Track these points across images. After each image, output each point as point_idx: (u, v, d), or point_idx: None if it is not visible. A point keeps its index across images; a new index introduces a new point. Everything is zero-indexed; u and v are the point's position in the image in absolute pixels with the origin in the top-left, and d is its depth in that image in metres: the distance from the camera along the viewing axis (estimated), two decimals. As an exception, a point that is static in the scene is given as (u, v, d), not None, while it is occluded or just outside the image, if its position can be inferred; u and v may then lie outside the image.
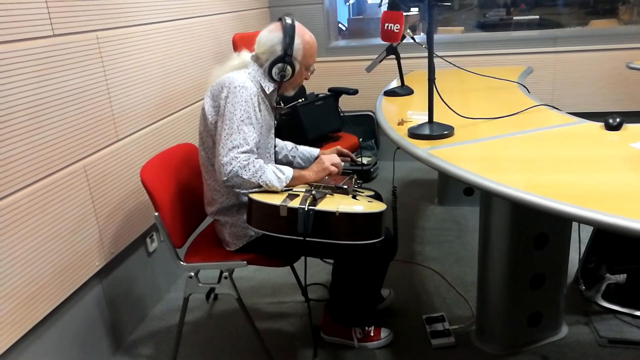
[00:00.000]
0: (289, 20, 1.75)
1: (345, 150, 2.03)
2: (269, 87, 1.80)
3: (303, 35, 1.79)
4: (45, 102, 1.70)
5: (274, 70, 1.76)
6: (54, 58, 1.74)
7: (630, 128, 1.70)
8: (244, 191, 1.78)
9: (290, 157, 2.04)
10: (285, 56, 1.75)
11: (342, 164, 1.93)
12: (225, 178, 1.63)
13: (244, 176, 1.63)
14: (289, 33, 1.74)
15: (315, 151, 2.06)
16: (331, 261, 2.08)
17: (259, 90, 1.77)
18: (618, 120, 1.68)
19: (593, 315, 2.11)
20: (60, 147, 1.78)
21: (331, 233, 1.61)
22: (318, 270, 2.58)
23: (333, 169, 1.85)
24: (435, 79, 1.73)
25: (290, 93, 1.91)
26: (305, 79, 1.89)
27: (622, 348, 1.92)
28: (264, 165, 1.66)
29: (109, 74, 2.02)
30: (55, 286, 1.78)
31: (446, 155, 1.57)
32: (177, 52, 2.54)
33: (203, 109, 1.76)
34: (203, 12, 2.83)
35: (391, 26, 2.02)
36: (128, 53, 2.14)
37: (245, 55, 1.84)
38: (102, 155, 1.99)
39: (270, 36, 1.77)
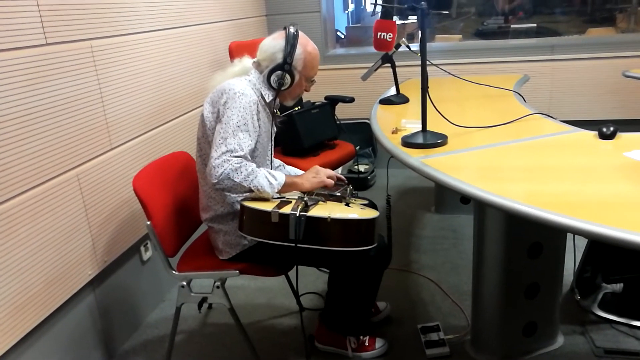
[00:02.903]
0: (292, 29, 1.76)
1: (331, 171, 1.88)
2: (269, 96, 1.80)
3: (305, 46, 1.78)
4: (38, 110, 1.70)
5: (272, 78, 1.76)
6: (47, 67, 1.74)
7: (624, 137, 1.69)
8: (234, 195, 1.78)
9: None
10: (285, 64, 1.74)
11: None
12: (216, 180, 1.61)
13: (235, 179, 1.61)
14: (291, 42, 1.74)
15: (301, 173, 2.04)
16: (327, 270, 2.07)
17: (259, 98, 1.77)
18: (612, 129, 1.68)
19: (589, 325, 2.09)
20: (52, 155, 1.77)
21: (323, 239, 1.60)
22: (314, 279, 2.57)
23: (329, 182, 1.81)
24: (428, 87, 1.73)
25: (290, 103, 1.90)
26: (305, 90, 1.88)
27: (619, 358, 1.91)
28: (256, 170, 1.65)
29: (103, 82, 2.02)
30: (47, 295, 1.76)
31: (439, 164, 1.57)
32: (172, 60, 2.54)
33: (202, 115, 1.76)
34: (199, 21, 2.83)
35: (384, 35, 2.02)
36: (122, 61, 2.14)
37: (247, 61, 1.84)
38: (95, 163, 1.99)
39: (272, 43, 1.77)
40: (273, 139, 1.92)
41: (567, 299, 2.26)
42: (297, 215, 1.58)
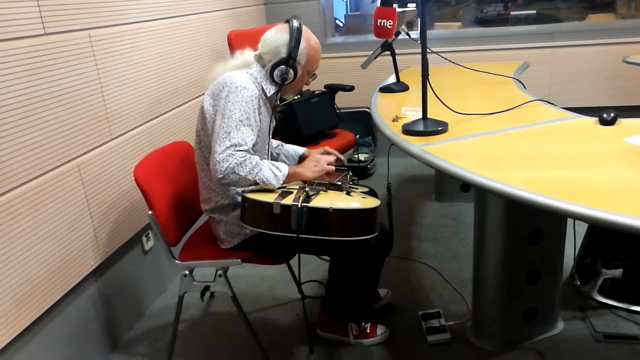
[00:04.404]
0: (296, 23, 1.73)
1: (333, 150, 1.96)
2: (270, 90, 1.78)
3: (309, 40, 1.77)
4: (37, 101, 1.70)
5: (276, 73, 1.74)
6: (46, 57, 1.73)
7: (624, 123, 1.69)
8: (239, 189, 1.78)
9: (274, 154, 2.03)
10: (289, 59, 1.72)
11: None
12: (221, 175, 1.61)
13: (241, 173, 1.61)
14: (295, 36, 1.72)
15: (300, 149, 2.04)
16: (328, 258, 2.08)
17: (260, 92, 1.76)
18: (612, 115, 1.68)
19: (589, 311, 2.10)
20: (53, 146, 1.77)
21: (325, 229, 1.61)
22: (315, 267, 2.58)
23: (331, 168, 1.82)
24: (429, 75, 1.72)
25: (290, 97, 1.90)
26: (306, 84, 1.87)
27: (618, 343, 1.92)
28: (260, 162, 1.65)
29: (102, 72, 2.02)
30: (50, 286, 1.77)
31: (440, 152, 1.57)
32: (171, 49, 2.53)
33: (202, 107, 1.74)
34: (198, 10, 2.82)
35: (384, 22, 2.01)
36: (121, 51, 2.14)
37: (248, 54, 1.82)
38: (96, 154, 1.99)
39: (276, 37, 1.74)
40: (271, 133, 1.91)
41: (567, 284, 2.27)
42: (299, 206, 1.58)
